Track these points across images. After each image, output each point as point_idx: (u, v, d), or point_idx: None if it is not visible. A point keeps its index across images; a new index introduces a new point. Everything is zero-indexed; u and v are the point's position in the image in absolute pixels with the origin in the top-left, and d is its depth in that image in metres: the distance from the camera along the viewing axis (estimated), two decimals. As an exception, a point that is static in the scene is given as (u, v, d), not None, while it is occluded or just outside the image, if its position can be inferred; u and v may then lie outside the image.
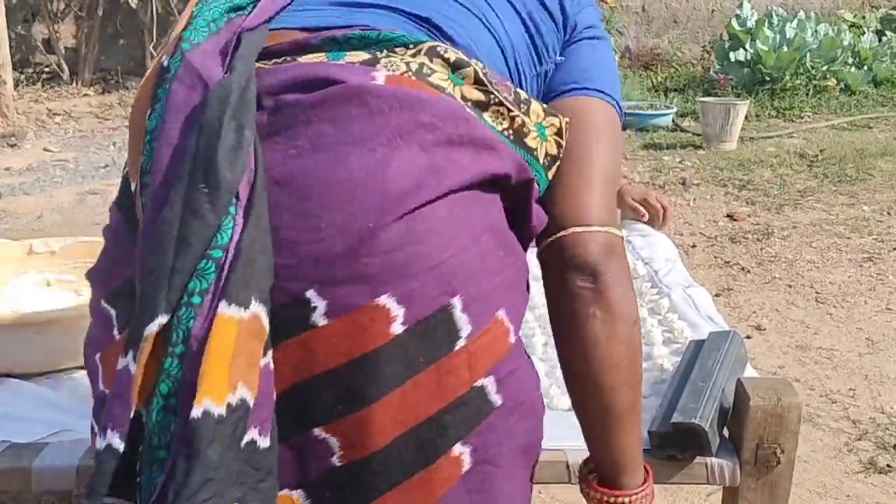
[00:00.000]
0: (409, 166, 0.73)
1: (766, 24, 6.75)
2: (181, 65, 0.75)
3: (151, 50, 6.96)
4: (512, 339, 0.80)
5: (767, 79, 6.57)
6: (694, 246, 3.71)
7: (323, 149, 0.72)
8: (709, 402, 1.17)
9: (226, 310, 0.67)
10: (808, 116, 6.28)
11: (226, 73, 0.74)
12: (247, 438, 0.67)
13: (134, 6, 6.72)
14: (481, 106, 0.80)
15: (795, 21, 6.83)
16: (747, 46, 6.66)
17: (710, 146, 5.39)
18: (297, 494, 0.74)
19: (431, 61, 0.78)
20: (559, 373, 1.42)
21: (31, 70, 7.38)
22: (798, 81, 6.58)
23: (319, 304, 0.70)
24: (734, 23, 6.90)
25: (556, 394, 1.36)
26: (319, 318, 0.70)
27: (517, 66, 0.91)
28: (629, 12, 7.54)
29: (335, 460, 0.73)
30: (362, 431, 0.72)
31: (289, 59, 0.79)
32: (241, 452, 0.67)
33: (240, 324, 0.66)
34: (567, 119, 0.89)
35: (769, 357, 2.72)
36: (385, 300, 0.71)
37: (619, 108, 0.93)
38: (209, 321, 0.67)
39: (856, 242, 3.73)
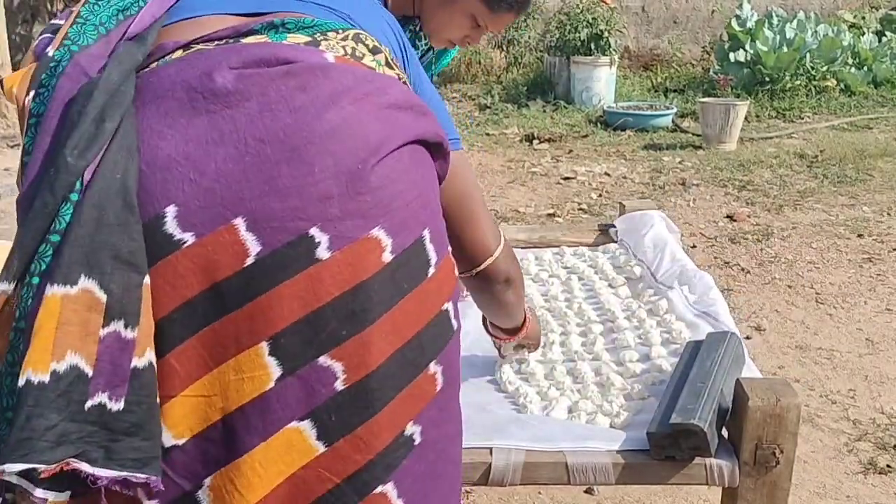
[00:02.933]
0: (375, 120, 0.84)
1: (766, 24, 6.75)
2: (70, 63, 0.85)
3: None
4: (457, 273, 0.96)
5: (767, 79, 6.58)
6: (694, 246, 3.71)
7: (300, 109, 0.82)
8: (707, 402, 1.17)
9: (51, 289, 0.75)
10: (808, 117, 6.28)
11: (100, 72, 0.84)
12: (92, 402, 0.75)
13: (134, 7, 6.71)
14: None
15: (795, 21, 6.83)
16: (747, 47, 6.66)
17: (710, 147, 5.39)
18: (305, 425, 0.81)
19: (357, 46, 0.90)
20: (558, 375, 1.43)
21: (30, 71, 7.36)
22: (798, 82, 6.59)
23: (322, 238, 0.79)
24: (734, 23, 6.90)
25: (554, 396, 1.36)
26: (323, 252, 0.79)
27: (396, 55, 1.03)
28: (629, 12, 7.55)
29: (339, 384, 0.81)
30: (363, 352, 0.81)
31: (230, 40, 0.88)
32: (86, 414, 0.75)
33: (64, 299, 0.75)
34: None
35: (769, 357, 2.72)
36: (377, 232, 0.82)
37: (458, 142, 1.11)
38: (39, 300, 0.75)
39: (856, 243, 3.73)
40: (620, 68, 7.09)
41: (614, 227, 2.06)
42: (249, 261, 0.78)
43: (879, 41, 7.08)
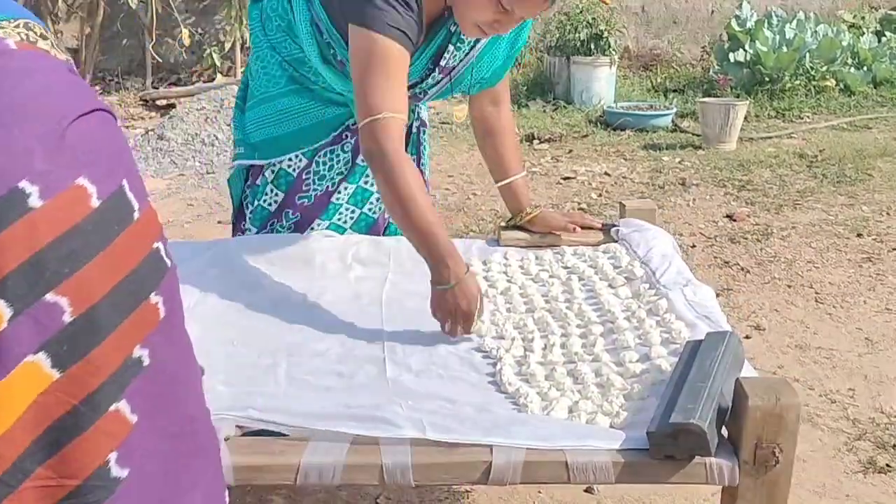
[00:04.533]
0: (66, 89, 0.95)
1: (766, 24, 6.75)
2: None
3: (151, 50, 6.97)
4: (160, 220, 1.06)
5: (767, 79, 6.58)
6: (693, 246, 3.71)
7: None
8: (707, 402, 1.17)
9: None
10: (808, 117, 6.28)
11: None
12: None
13: (134, 6, 6.72)
14: (67, 63, 1.03)
15: (795, 22, 6.83)
16: (747, 47, 6.66)
17: (710, 147, 5.39)
18: (39, 357, 0.89)
19: (29, 33, 0.98)
20: (559, 376, 1.43)
21: (30, 71, 7.36)
22: (797, 82, 6.59)
23: (32, 189, 0.88)
24: (734, 23, 6.91)
25: (555, 396, 1.36)
26: (35, 201, 0.88)
27: None
28: (629, 12, 7.55)
29: (66, 317, 0.90)
30: (84, 287, 0.91)
31: None
32: None
33: None
34: None
35: (768, 357, 2.72)
36: (82, 180, 0.91)
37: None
38: None
39: (855, 243, 3.73)
40: (620, 68, 7.09)
41: (616, 226, 2.07)
42: None
43: (879, 41, 7.09)
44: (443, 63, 1.90)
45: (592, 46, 6.58)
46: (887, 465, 2.15)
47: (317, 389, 1.40)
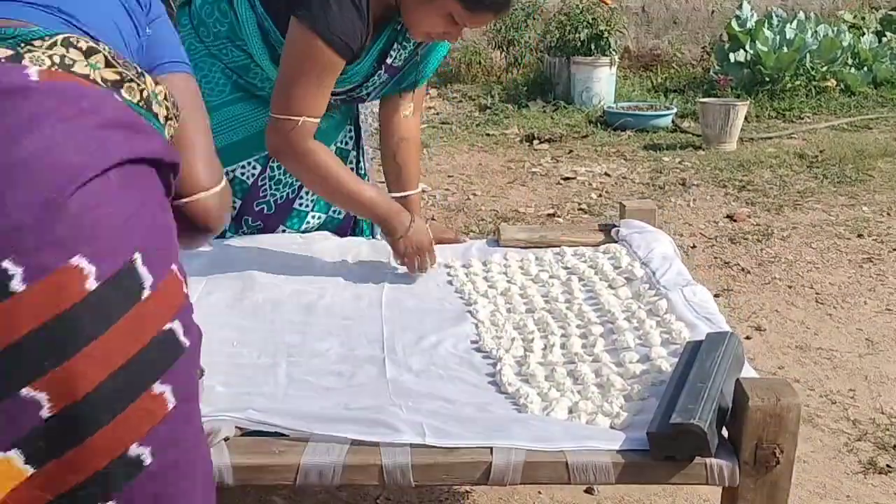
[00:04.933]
0: (79, 144, 0.82)
1: (766, 24, 6.75)
2: None
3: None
4: (187, 291, 0.93)
5: (767, 79, 6.57)
6: (694, 247, 3.71)
7: None
8: (707, 402, 1.17)
9: None
10: (808, 117, 6.28)
11: None
12: None
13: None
14: (117, 84, 0.91)
15: (795, 22, 6.83)
16: (747, 47, 6.66)
17: (710, 147, 5.39)
18: (13, 454, 0.80)
19: (68, 51, 0.87)
20: (559, 377, 1.43)
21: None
22: (798, 82, 6.58)
23: (16, 271, 0.77)
24: (734, 23, 6.90)
25: (555, 397, 1.36)
26: (18, 285, 0.77)
27: (125, 39, 1.01)
28: (629, 13, 7.54)
29: (45, 412, 0.80)
30: (68, 382, 0.79)
31: None
32: None
33: None
34: (166, 87, 1.01)
35: (769, 358, 2.72)
36: (77, 260, 0.79)
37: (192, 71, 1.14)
38: None
39: (856, 243, 3.73)
40: (620, 68, 7.09)
41: (617, 227, 2.07)
42: None
43: (879, 41, 7.08)
44: (389, 61, 1.90)
45: (593, 46, 6.58)
46: (888, 465, 2.14)
47: (316, 390, 1.40)
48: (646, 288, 1.76)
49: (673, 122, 6.03)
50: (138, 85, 0.93)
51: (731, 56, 6.73)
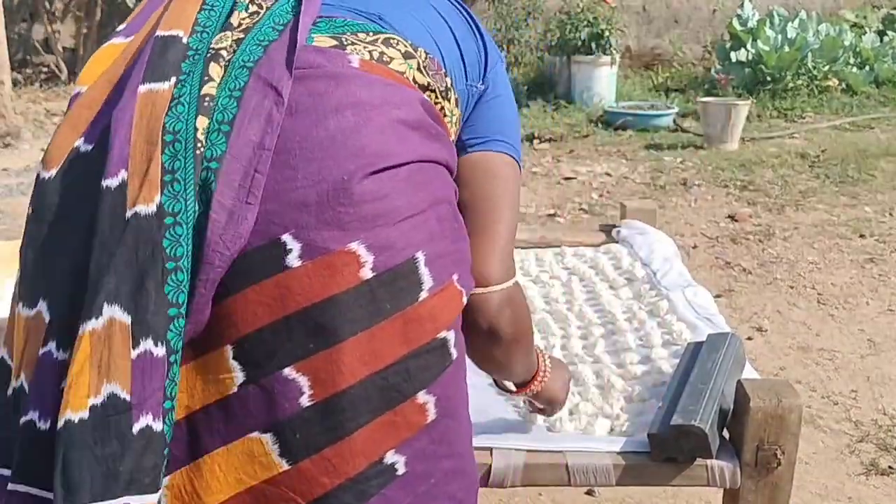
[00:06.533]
0: (378, 133, 0.81)
1: (768, 24, 6.74)
2: (252, 77, 0.80)
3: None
4: (465, 301, 0.88)
5: (769, 79, 6.57)
6: (695, 247, 3.70)
7: (300, 113, 0.80)
8: (708, 403, 1.17)
9: (84, 325, 0.72)
10: (810, 117, 6.27)
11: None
12: (139, 426, 0.72)
13: (132, 6, 6.72)
14: (422, 89, 0.89)
15: (797, 21, 6.82)
16: (748, 46, 6.65)
17: (712, 146, 5.39)
18: (267, 437, 0.78)
19: (387, 49, 0.87)
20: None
21: (29, 70, 7.39)
22: (799, 81, 6.58)
23: (294, 246, 0.77)
24: (735, 23, 6.90)
25: (555, 396, 1.35)
26: (294, 260, 0.76)
27: (448, 67, 0.96)
28: (630, 12, 7.54)
29: (304, 400, 0.77)
30: (332, 369, 0.77)
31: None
32: (135, 440, 0.72)
33: (92, 335, 0.72)
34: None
35: (770, 358, 2.71)
36: (356, 246, 0.78)
37: (519, 158, 1.03)
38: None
39: (858, 243, 3.72)
40: (621, 68, 7.09)
41: (617, 227, 2.06)
42: None
43: (881, 41, 7.07)
44: None
45: (593, 46, 6.58)
46: (889, 467, 2.14)
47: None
48: (647, 289, 1.75)
49: (674, 121, 6.02)
50: (436, 101, 0.91)
51: (733, 55, 6.73)
